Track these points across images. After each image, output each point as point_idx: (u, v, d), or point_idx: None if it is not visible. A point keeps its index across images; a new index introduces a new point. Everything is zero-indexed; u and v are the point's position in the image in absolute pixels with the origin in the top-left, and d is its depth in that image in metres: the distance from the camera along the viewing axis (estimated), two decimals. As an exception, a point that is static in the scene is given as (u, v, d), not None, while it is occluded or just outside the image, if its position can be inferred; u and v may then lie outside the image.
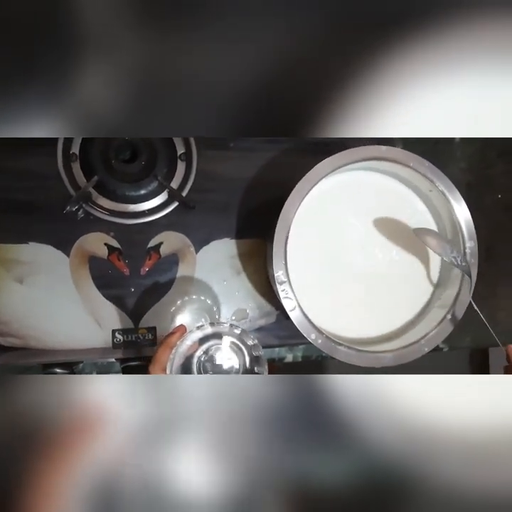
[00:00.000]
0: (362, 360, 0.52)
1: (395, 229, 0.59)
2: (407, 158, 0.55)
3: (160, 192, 0.63)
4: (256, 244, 0.65)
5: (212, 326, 0.45)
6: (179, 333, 0.46)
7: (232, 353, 0.45)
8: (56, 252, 0.60)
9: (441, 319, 0.55)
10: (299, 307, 0.52)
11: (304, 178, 0.53)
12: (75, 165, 0.61)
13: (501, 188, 0.75)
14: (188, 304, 0.62)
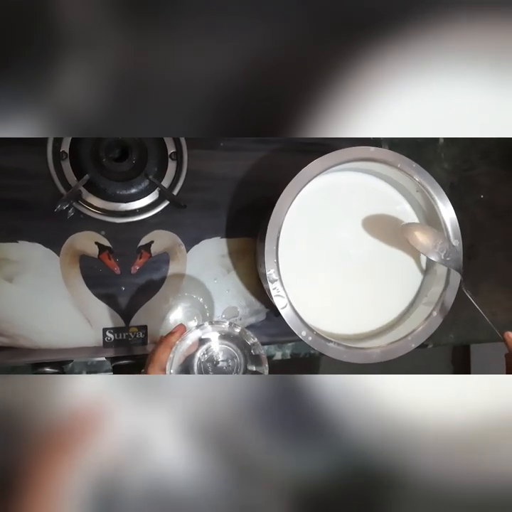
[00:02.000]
0: (351, 356, 0.54)
1: (382, 228, 0.61)
2: (395, 159, 0.57)
3: (151, 191, 0.64)
4: (246, 242, 0.66)
5: (212, 325, 0.45)
6: (179, 332, 0.46)
7: (232, 352, 0.45)
8: (46, 250, 0.60)
9: (427, 316, 0.56)
10: (290, 305, 0.52)
11: (295, 179, 0.54)
12: (65, 163, 0.61)
13: (483, 188, 0.78)
14: (179, 302, 0.63)
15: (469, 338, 0.74)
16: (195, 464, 0.34)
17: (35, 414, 0.34)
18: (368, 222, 0.60)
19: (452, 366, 1.55)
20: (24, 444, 0.33)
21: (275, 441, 0.35)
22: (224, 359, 0.45)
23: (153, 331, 0.61)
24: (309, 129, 0.39)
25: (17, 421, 0.33)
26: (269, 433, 0.35)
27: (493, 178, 0.78)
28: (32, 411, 0.34)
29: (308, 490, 0.34)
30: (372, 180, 0.61)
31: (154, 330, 0.62)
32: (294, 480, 0.34)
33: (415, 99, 0.39)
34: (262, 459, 0.35)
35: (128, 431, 0.34)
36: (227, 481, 0.34)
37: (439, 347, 0.77)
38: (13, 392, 0.34)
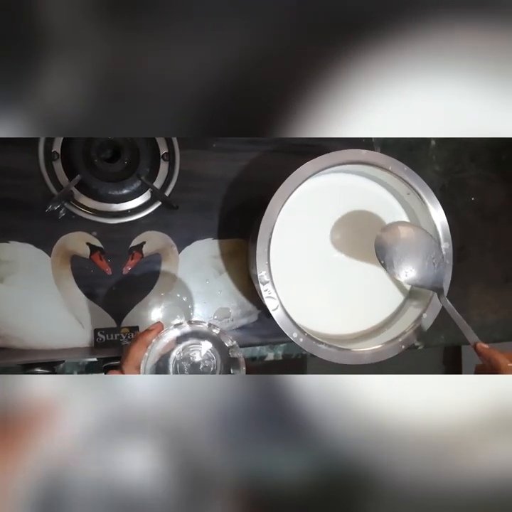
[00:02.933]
0: (342, 358, 0.54)
1: (374, 230, 0.61)
2: (386, 162, 0.57)
3: (143, 191, 0.63)
4: (238, 244, 0.66)
5: (190, 324, 0.44)
6: (156, 330, 0.45)
7: (209, 353, 0.44)
8: (37, 251, 0.59)
9: (417, 317, 0.57)
10: (282, 306, 0.53)
11: (287, 180, 0.54)
12: (56, 164, 0.61)
13: (474, 191, 0.78)
14: (170, 303, 0.63)
15: (460, 339, 0.75)
16: (151, 463, 0.34)
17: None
18: (359, 224, 0.60)
19: (444, 367, 1.56)
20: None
21: (240, 440, 0.35)
22: (200, 359, 0.44)
23: (145, 332, 0.61)
24: (299, 130, 0.39)
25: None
26: (238, 433, 0.35)
27: (483, 181, 0.78)
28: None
29: (286, 492, 0.34)
30: (364, 183, 0.61)
31: (146, 331, 0.61)
32: (267, 482, 0.34)
33: (406, 99, 0.39)
34: (226, 458, 0.34)
35: (80, 430, 0.34)
36: (184, 485, 0.33)
37: (430, 348, 0.78)
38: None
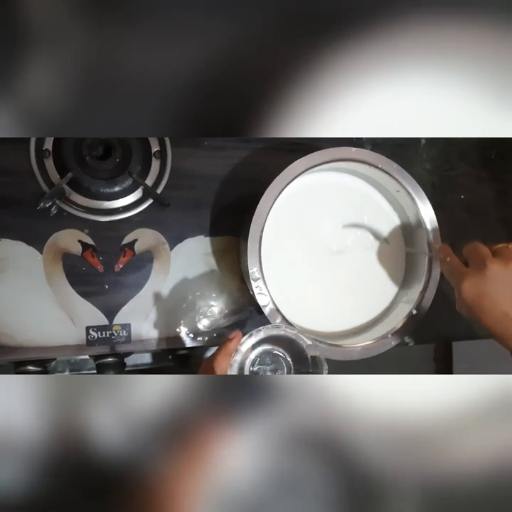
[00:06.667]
0: (332, 354, 0.54)
1: (364, 227, 0.62)
2: (376, 160, 0.58)
3: (134, 189, 0.64)
4: (230, 241, 0.66)
5: (268, 329, 0.45)
6: (237, 339, 0.46)
7: (280, 355, 0.45)
8: (29, 248, 0.59)
9: (407, 314, 0.57)
10: (273, 303, 0.53)
11: (278, 178, 0.55)
12: (48, 161, 0.61)
13: (463, 189, 0.79)
14: (162, 300, 0.63)
15: (451, 336, 0.75)
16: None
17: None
18: (349, 222, 0.61)
19: (434, 363, 1.57)
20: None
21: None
22: (272, 362, 0.45)
23: (137, 329, 0.62)
24: (288, 130, 0.40)
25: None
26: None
27: (473, 179, 0.79)
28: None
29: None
30: (354, 181, 0.62)
31: (138, 328, 0.62)
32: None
33: (396, 98, 0.39)
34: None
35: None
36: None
37: (421, 345, 0.78)
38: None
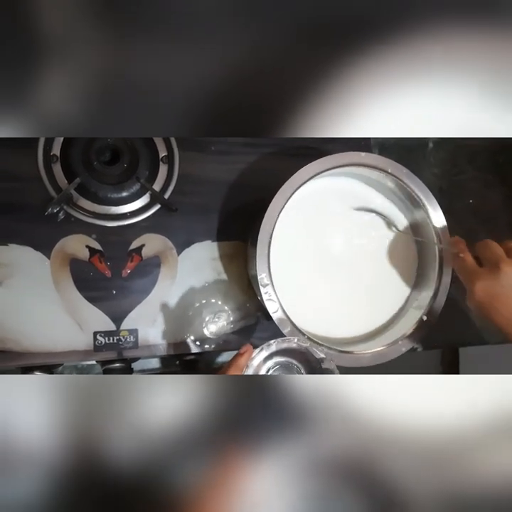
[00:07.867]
0: (342, 360, 0.54)
1: (373, 233, 0.61)
2: (386, 165, 0.57)
3: (142, 194, 0.63)
4: (237, 246, 0.66)
5: (279, 343, 0.45)
6: (248, 353, 0.46)
7: (294, 367, 0.45)
8: (37, 254, 0.59)
9: (417, 320, 0.57)
10: (282, 309, 0.53)
11: (287, 183, 0.54)
12: (55, 166, 0.61)
13: (472, 193, 0.78)
14: (170, 305, 0.63)
15: (458, 342, 0.75)
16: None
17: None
18: (358, 227, 0.61)
19: (441, 368, 1.56)
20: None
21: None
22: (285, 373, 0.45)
23: (144, 335, 0.61)
24: (298, 130, 0.40)
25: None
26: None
27: (481, 183, 0.79)
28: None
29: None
30: (363, 185, 0.61)
31: (145, 333, 0.61)
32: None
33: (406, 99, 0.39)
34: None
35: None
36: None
37: (428, 350, 0.78)
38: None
